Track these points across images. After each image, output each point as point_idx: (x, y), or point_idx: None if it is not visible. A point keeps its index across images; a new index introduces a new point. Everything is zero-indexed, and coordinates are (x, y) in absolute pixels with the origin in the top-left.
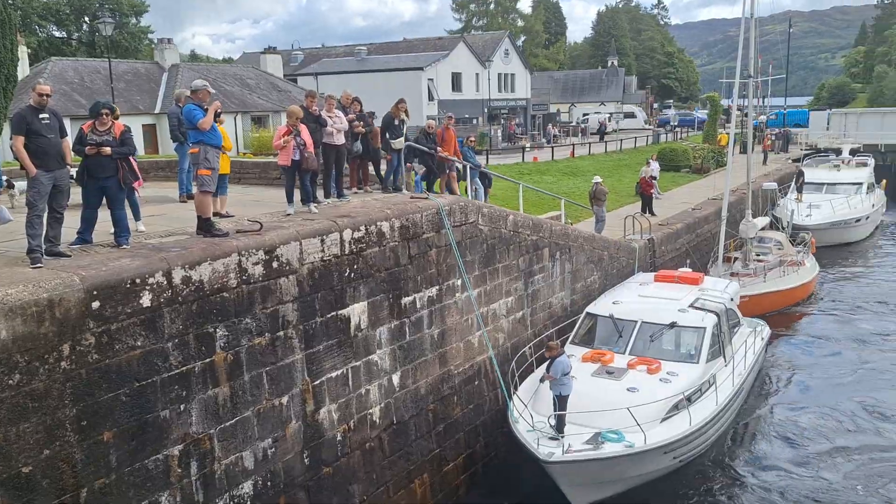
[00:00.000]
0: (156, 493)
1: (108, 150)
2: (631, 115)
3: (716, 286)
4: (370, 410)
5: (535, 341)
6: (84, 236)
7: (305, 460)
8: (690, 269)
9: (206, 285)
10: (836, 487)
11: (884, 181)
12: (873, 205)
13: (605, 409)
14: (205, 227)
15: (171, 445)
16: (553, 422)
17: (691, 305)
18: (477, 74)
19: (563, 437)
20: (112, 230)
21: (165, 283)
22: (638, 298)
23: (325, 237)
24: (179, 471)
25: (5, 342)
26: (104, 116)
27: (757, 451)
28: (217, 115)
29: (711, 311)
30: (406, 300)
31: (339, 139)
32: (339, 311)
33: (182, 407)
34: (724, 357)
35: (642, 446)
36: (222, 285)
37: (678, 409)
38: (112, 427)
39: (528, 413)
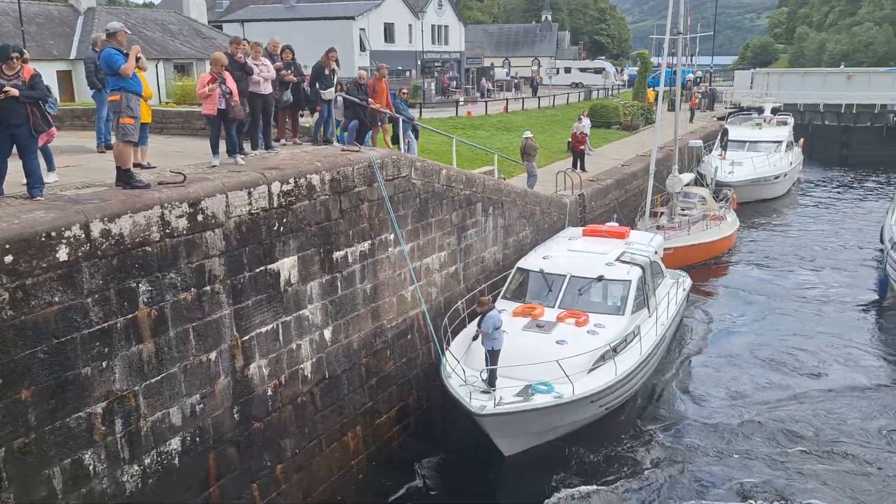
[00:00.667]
0: (79, 451)
1: (14, 91)
2: (600, 71)
3: (641, 240)
4: (301, 365)
5: (468, 296)
6: None
7: (235, 416)
8: (618, 224)
9: (127, 239)
10: (745, 431)
11: (802, 140)
12: (791, 163)
13: (535, 362)
14: (125, 178)
15: (93, 403)
16: (485, 376)
17: (618, 259)
18: (410, 25)
19: (494, 390)
20: (24, 181)
21: (83, 236)
22: (567, 253)
23: (252, 190)
24: (103, 429)
25: None
26: (13, 60)
27: (677, 397)
28: (137, 59)
29: (636, 265)
30: (337, 255)
31: (266, 88)
32: (269, 266)
33: (104, 364)
34: (648, 308)
35: (570, 397)
36: (144, 239)
37: (605, 359)
38: (30, 385)
39: (461, 368)
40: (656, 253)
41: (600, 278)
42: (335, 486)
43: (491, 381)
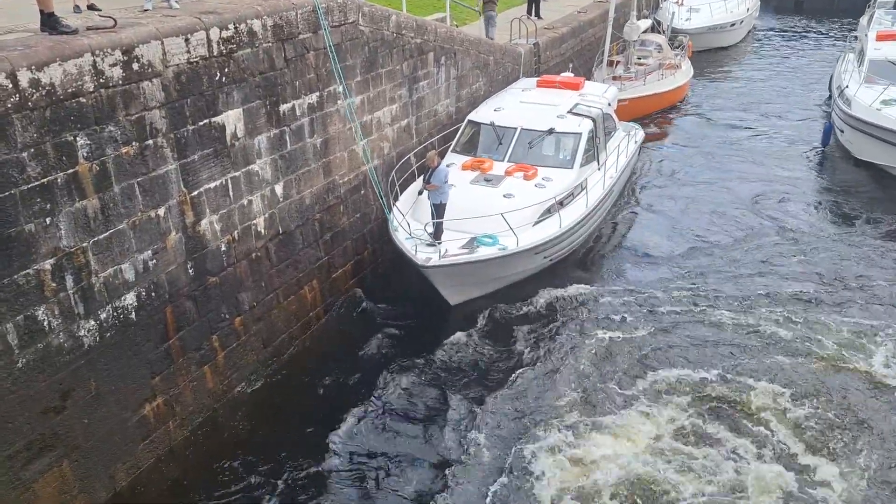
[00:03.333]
0: (30, 307)
1: None
2: None
3: (595, 91)
4: (254, 221)
5: (419, 149)
6: None
7: (190, 271)
8: (573, 74)
9: (59, 89)
10: (686, 275)
11: None
12: (748, 9)
13: (481, 215)
14: (49, 23)
15: (40, 260)
16: (430, 229)
17: (570, 111)
18: None
19: (439, 243)
20: None
21: (11, 86)
22: (519, 105)
23: (189, 36)
24: (54, 285)
25: None
26: None
27: (621, 246)
28: None
29: (588, 117)
30: (284, 107)
31: None
32: (213, 119)
33: (48, 220)
34: (598, 161)
35: (514, 249)
36: (77, 89)
37: (550, 212)
38: None
39: (407, 222)
40: (609, 105)
41: (551, 131)
42: (294, 336)
43: (437, 234)
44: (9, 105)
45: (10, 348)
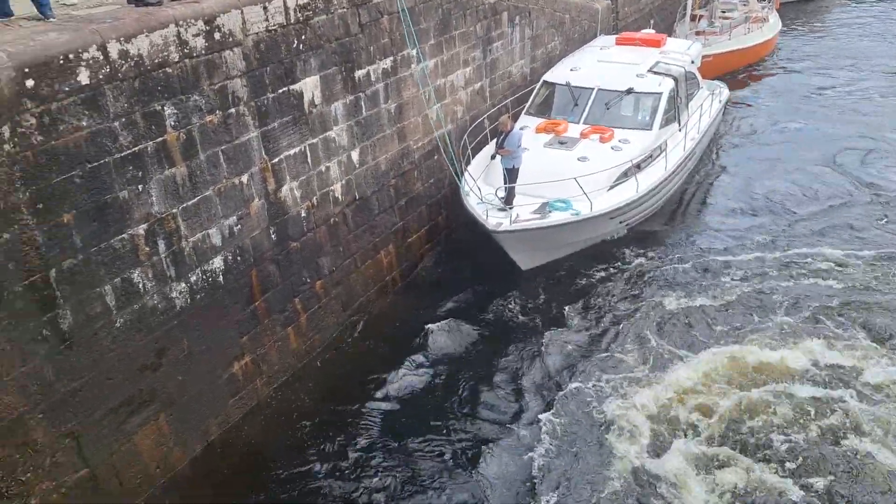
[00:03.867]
0: (126, 270)
1: None
2: None
3: (677, 48)
4: (332, 187)
5: (492, 112)
6: (2, 8)
7: (272, 236)
8: (654, 31)
9: (147, 60)
10: (768, 243)
11: None
12: None
13: (554, 179)
14: None
15: (135, 225)
16: (501, 194)
17: (650, 70)
18: None
19: (511, 207)
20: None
21: (102, 58)
22: (596, 64)
23: (267, 4)
24: (147, 249)
25: None
26: None
27: (702, 212)
28: None
29: (669, 76)
30: (360, 73)
31: None
32: (291, 87)
33: (140, 187)
34: (679, 122)
35: (588, 214)
36: (163, 60)
37: (627, 176)
38: (70, 209)
39: (478, 186)
40: (693, 62)
41: (629, 91)
42: (371, 299)
43: (508, 199)
44: (100, 76)
45: (109, 309)
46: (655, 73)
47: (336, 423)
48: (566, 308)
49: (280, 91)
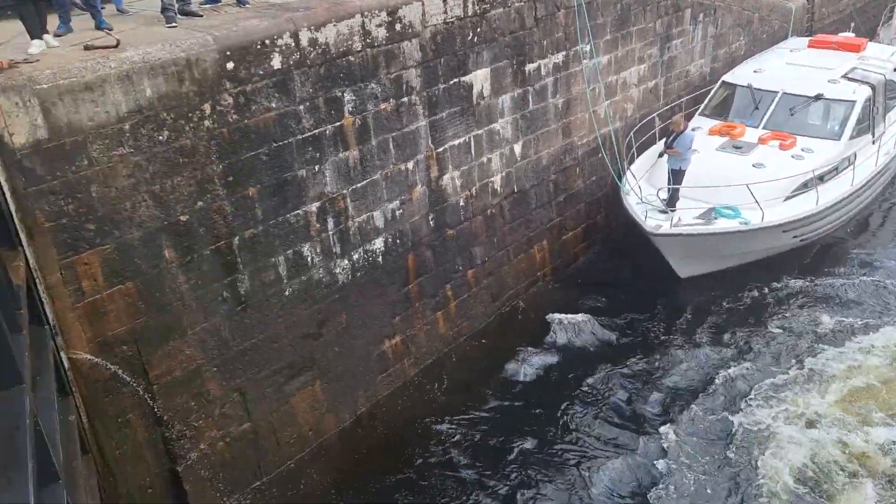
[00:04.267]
0: (298, 244)
1: None
2: None
3: (879, 54)
4: (492, 179)
5: (663, 111)
6: None
7: (431, 223)
8: (854, 35)
9: (332, 48)
10: None
11: None
12: None
13: (724, 184)
14: None
15: (309, 203)
16: (664, 195)
17: (845, 76)
18: None
19: (673, 210)
20: None
21: (293, 44)
22: (784, 66)
23: None
24: (318, 226)
25: (151, 100)
26: None
27: (892, 234)
28: None
29: (866, 83)
30: (530, 67)
31: None
32: (462, 78)
33: (317, 168)
34: (873, 134)
35: (758, 224)
36: (347, 48)
37: (807, 187)
38: (256, 184)
39: (639, 186)
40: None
41: (818, 97)
42: (521, 292)
43: (671, 201)
44: (291, 62)
45: (280, 278)
46: (851, 79)
47: (471, 411)
48: (719, 323)
49: (451, 82)
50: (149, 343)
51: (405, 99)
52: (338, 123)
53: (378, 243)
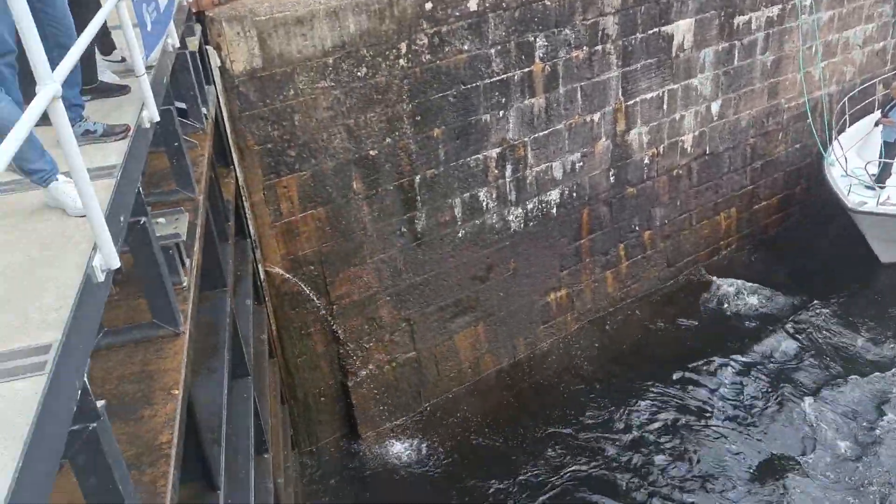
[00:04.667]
0: (476, 188)
1: None
2: None
3: None
4: (682, 137)
5: (887, 76)
6: None
7: (611, 178)
8: None
9: None
10: None
11: None
12: None
13: None
14: None
15: (489, 148)
16: (873, 169)
17: None
18: None
19: (882, 187)
20: None
21: None
22: None
23: None
24: (496, 172)
25: (353, 36)
26: None
27: None
28: None
29: None
30: (740, 19)
31: None
32: (662, 28)
33: (501, 113)
34: None
35: None
36: None
37: None
38: (441, 125)
39: (845, 157)
40: None
41: None
42: (699, 260)
43: (881, 176)
44: (487, 4)
45: (455, 220)
46: None
47: (627, 376)
48: None
49: (650, 32)
50: (332, 266)
51: (599, 47)
52: (527, 69)
53: (554, 195)
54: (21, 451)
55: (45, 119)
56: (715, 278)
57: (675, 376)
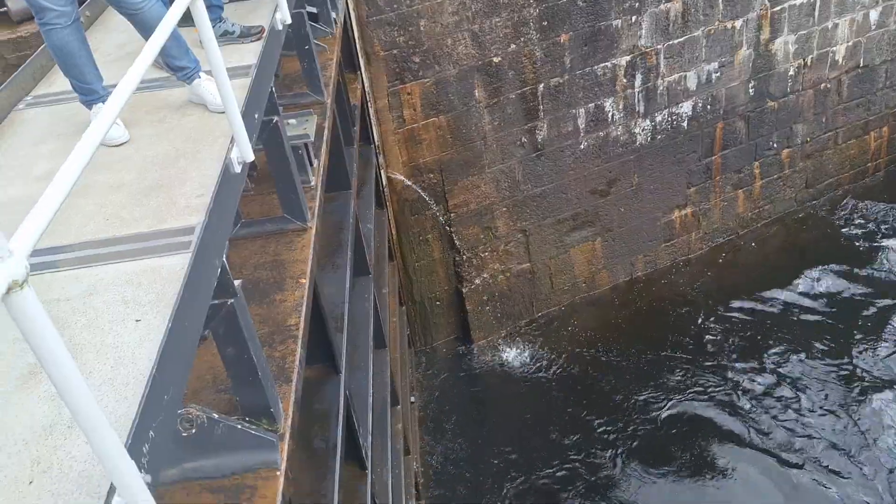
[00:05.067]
0: (602, 97)
1: None
2: None
3: None
4: (833, 48)
5: None
6: None
7: (750, 91)
8: None
9: None
10: None
11: None
12: None
13: None
14: None
15: (619, 56)
16: None
17: None
18: None
19: None
20: None
21: None
22: None
23: None
24: (624, 81)
25: None
26: None
27: None
28: None
29: None
30: None
31: None
32: None
33: (633, 19)
34: None
35: None
36: None
37: None
38: (569, 30)
39: None
40: None
41: None
42: (842, 183)
43: None
44: None
45: (578, 130)
46: None
47: (752, 305)
48: None
49: None
50: (451, 174)
51: None
52: None
53: (686, 107)
54: (170, 316)
55: (188, 20)
56: (859, 203)
57: (795, 311)
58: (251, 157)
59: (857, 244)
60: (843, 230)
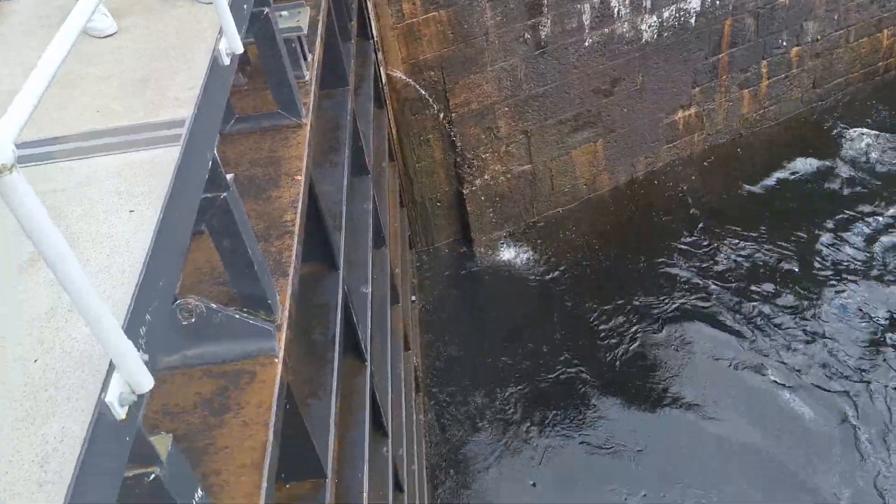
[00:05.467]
0: None
1: None
2: None
3: None
4: None
5: None
6: None
7: None
8: None
9: None
10: None
11: None
12: None
13: None
14: None
15: None
16: None
17: None
18: None
19: None
20: None
21: None
22: None
23: None
24: None
25: None
26: None
27: None
28: None
29: None
30: None
31: None
32: None
33: None
34: None
35: None
36: None
37: None
38: None
39: None
40: None
41: None
42: (851, 82)
43: None
44: None
45: (583, 27)
46: None
47: (750, 207)
48: None
49: None
50: (452, 72)
51: None
52: None
53: (694, 2)
54: (161, 206)
55: None
56: (867, 103)
57: (795, 215)
58: (240, 49)
59: (861, 146)
60: (848, 135)
